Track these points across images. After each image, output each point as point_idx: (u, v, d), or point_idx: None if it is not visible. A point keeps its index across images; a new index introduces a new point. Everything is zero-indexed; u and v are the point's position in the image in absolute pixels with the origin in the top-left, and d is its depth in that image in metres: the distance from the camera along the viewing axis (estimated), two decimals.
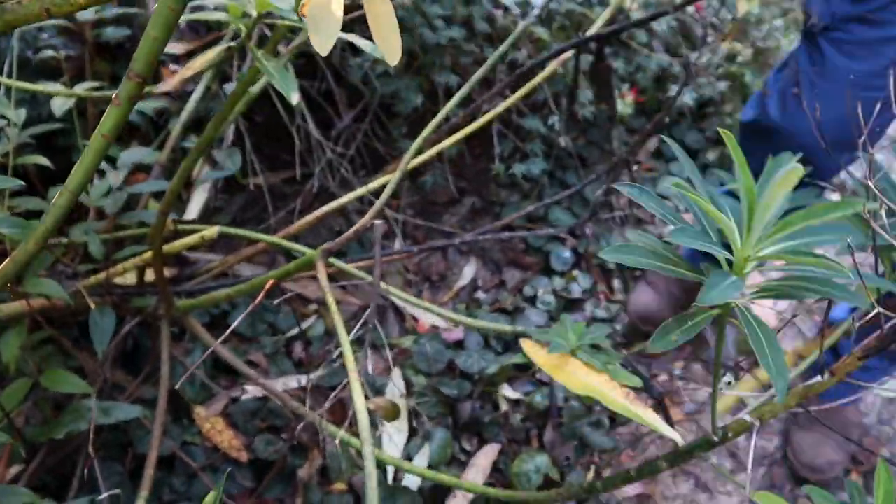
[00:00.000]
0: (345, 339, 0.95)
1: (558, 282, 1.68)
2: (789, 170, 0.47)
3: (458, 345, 1.52)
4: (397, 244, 1.72)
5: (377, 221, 0.94)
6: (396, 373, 1.41)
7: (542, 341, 0.89)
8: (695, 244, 0.51)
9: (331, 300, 0.96)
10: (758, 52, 1.81)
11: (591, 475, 1.37)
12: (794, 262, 0.50)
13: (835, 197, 1.56)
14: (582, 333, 0.87)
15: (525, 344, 0.81)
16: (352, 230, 0.99)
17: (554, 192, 1.76)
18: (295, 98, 0.72)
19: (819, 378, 0.68)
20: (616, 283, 1.72)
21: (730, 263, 0.55)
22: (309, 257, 1.03)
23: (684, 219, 0.57)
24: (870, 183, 0.56)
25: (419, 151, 1.36)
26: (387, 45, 0.37)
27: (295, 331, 1.54)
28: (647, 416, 0.74)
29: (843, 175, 1.55)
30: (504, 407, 1.42)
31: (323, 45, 0.35)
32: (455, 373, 1.45)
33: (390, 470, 1.29)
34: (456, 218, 1.89)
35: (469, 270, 1.77)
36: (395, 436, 1.36)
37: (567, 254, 1.72)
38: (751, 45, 1.80)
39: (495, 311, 1.63)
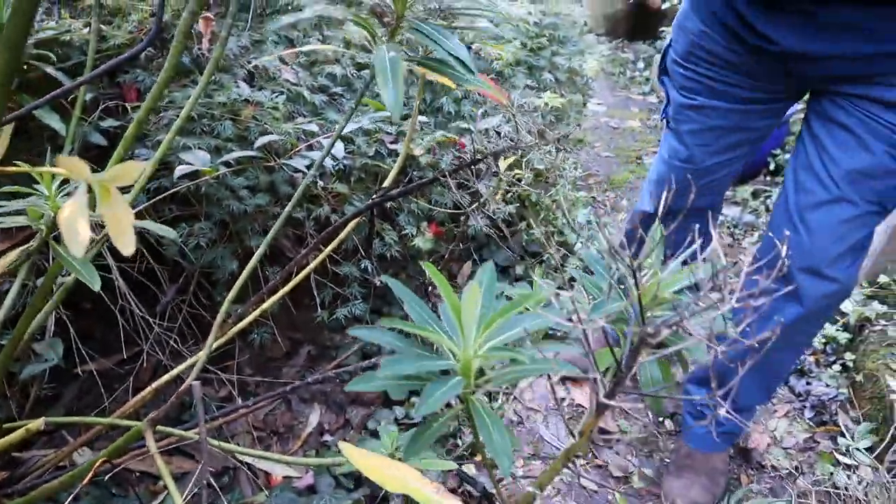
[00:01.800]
0: (177, 497, 0.99)
1: (399, 410, 1.77)
2: (473, 286, 0.61)
3: (311, 489, 1.57)
4: (240, 402, 1.76)
5: (195, 383, 1.01)
6: None
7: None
8: (408, 370, 0.63)
9: (161, 464, 1.01)
10: (537, 175, 2.07)
11: None
12: (497, 356, 0.64)
13: None
14: (395, 439, 0.98)
15: (345, 448, 0.89)
16: (174, 396, 1.05)
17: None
18: (97, 286, 0.81)
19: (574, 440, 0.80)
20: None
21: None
22: (137, 429, 1.08)
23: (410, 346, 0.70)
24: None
25: (240, 317, 1.45)
26: (121, 241, 0.47)
27: None
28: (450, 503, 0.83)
29: None
30: None
31: (76, 250, 0.44)
32: None
33: None
34: (295, 369, 1.96)
35: (314, 417, 1.83)
36: None
37: None
38: (530, 169, 2.06)
39: None
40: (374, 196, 1.35)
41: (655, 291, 0.77)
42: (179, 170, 1.31)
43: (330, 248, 1.56)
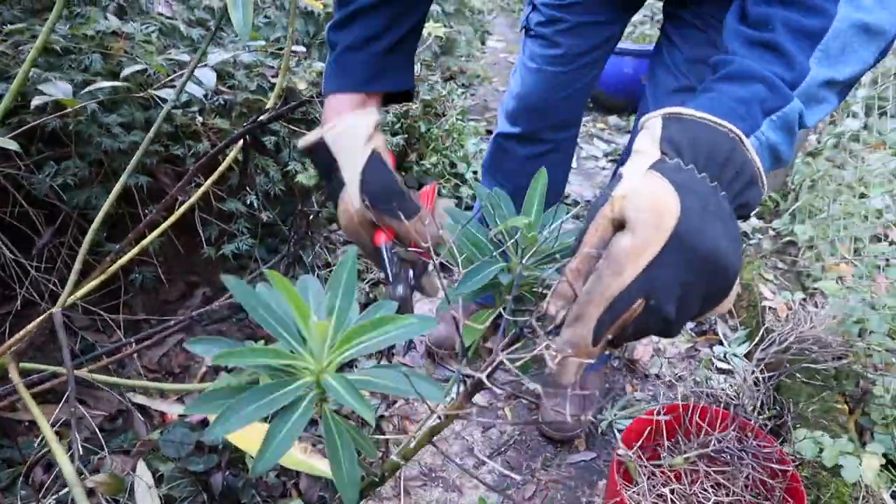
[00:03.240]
0: (47, 430, 0.99)
1: None
2: (322, 324, 0.62)
3: (205, 423, 1.57)
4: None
5: (55, 311, 1.00)
6: (141, 465, 1.43)
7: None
8: (259, 413, 0.61)
9: (25, 394, 1.00)
10: (426, 105, 2.08)
11: None
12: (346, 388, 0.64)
13: None
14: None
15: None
16: (34, 324, 1.04)
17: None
18: None
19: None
20: None
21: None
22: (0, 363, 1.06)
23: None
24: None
25: (119, 253, 1.43)
26: None
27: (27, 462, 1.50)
28: (320, 465, 0.86)
29: None
30: None
31: None
32: (204, 450, 1.49)
33: None
34: (191, 310, 1.94)
35: (209, 356, 1.82)
36: None
37: None
38: (419, 100, 2.06)
39: None
40: (245, 124, 1.33)
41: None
42: (37, 100, 1.26)
43: (211, 180, 1.53)
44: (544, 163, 1.68)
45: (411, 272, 1.01)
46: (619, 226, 0.60)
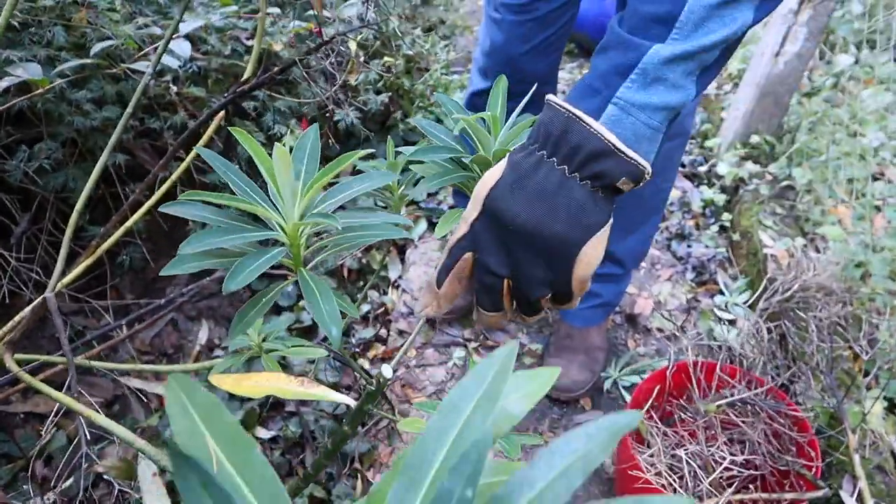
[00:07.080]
0: (56, 394, 0.94)
1: (288, 317, 1.74)
2: (280, 148, 0.58)
3: None
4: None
5: (49, 295, 0.95)
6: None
7: (228, 371, 0.96)
8: (219, 242, 0.59)
9: (26, 377, 0.95)
10: (408, 60, 2.00)
11: (359, 484, 1.44)
12: (326, 223, 0.61)
13: None
14: (260, 329, 0.96)
15: (212, 378, 0.86)
16: (27, 311, 1.00)
17: None
18: None
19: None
20: None
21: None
22: None
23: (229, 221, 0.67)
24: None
25: (104, 236, 1.36)
26: None
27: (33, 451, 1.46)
28: (319, 391, 0.81)
29: None
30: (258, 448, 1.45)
31: None
32: None
33: None
34: (179, 288, 1.89)
35: (202, 334, 1.78)
36: None
37: (290, 288, 1.80)
38: (401, 56, 1.99)
39: None
40: (225, 95, 1.26)
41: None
42: (5, 81, 1.19)
43: (192, 155, 1.47)
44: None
45: None
46: None
